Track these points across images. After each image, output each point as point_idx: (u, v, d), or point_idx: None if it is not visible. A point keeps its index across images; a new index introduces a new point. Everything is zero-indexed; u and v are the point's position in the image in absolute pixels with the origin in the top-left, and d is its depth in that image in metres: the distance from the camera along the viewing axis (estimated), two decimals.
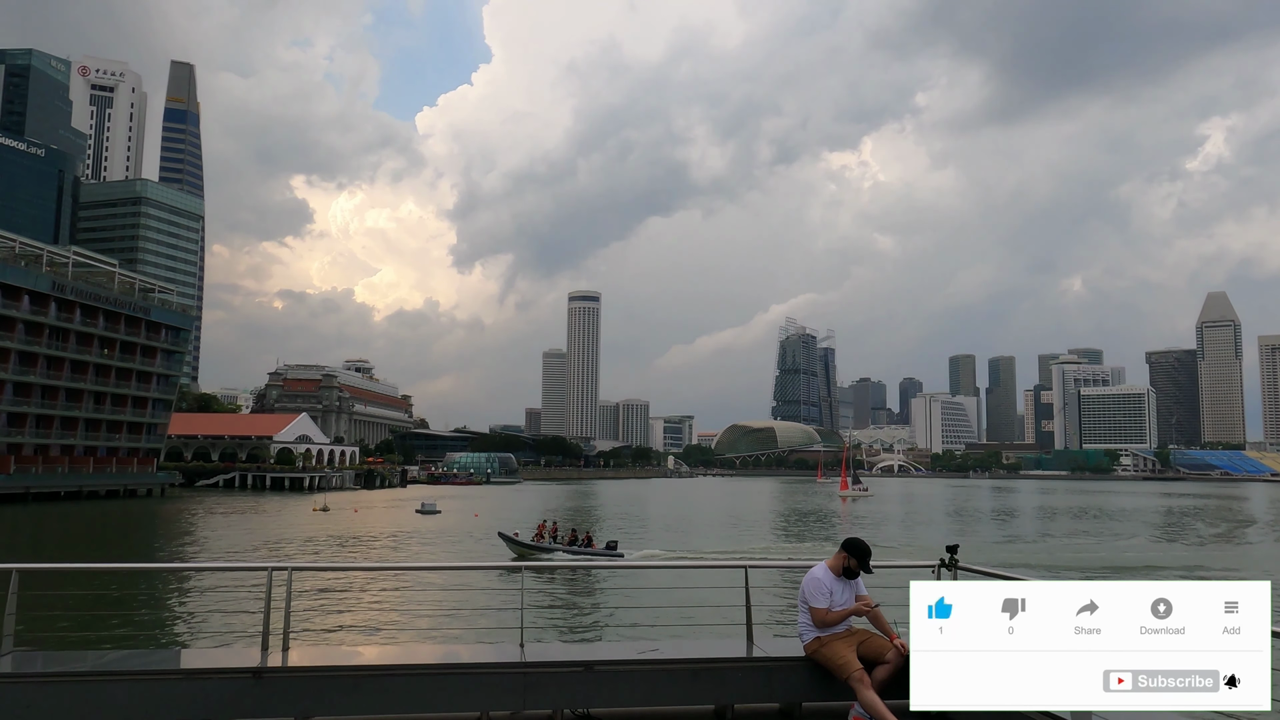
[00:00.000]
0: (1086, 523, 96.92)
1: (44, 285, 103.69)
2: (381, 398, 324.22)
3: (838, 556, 8.08)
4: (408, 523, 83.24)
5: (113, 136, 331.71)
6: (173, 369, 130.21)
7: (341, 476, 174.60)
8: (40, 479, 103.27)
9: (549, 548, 49.75)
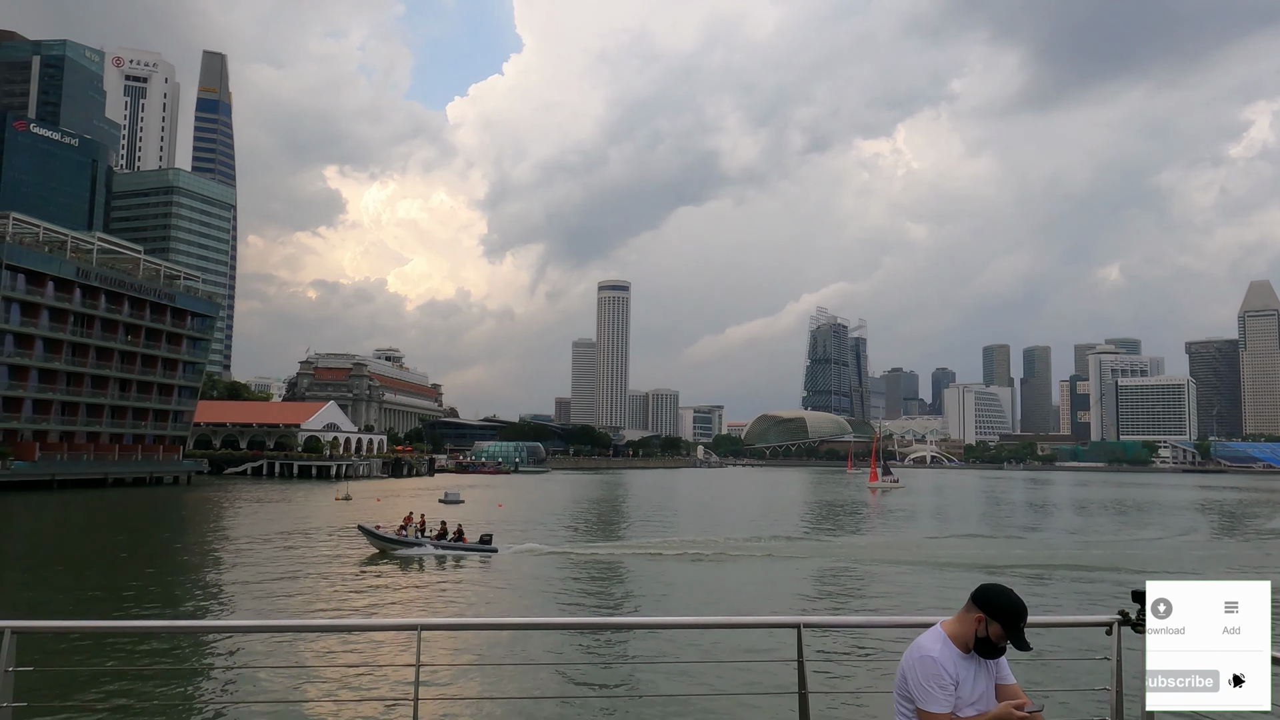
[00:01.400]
0: (1138, 517, 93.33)
1: (68, 271, 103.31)
2: (411, 387, 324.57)
3: (966, 619, 4.93)
4: (429, 512, 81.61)
5: (146, 126, 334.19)
6: (198, 356, 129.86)
7: (369, 465, 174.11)
8: (66, 466, 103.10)
9: (412, 542, 46.01)
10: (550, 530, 65.07)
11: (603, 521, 77.13)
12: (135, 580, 38.51)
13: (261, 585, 37.04)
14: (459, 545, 45.88)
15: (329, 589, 36.57)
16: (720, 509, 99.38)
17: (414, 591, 36.79)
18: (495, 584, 39.21)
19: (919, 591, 38.23)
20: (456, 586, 38.22)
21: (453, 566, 43.47)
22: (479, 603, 34.43)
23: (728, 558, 48.72)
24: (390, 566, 42.72)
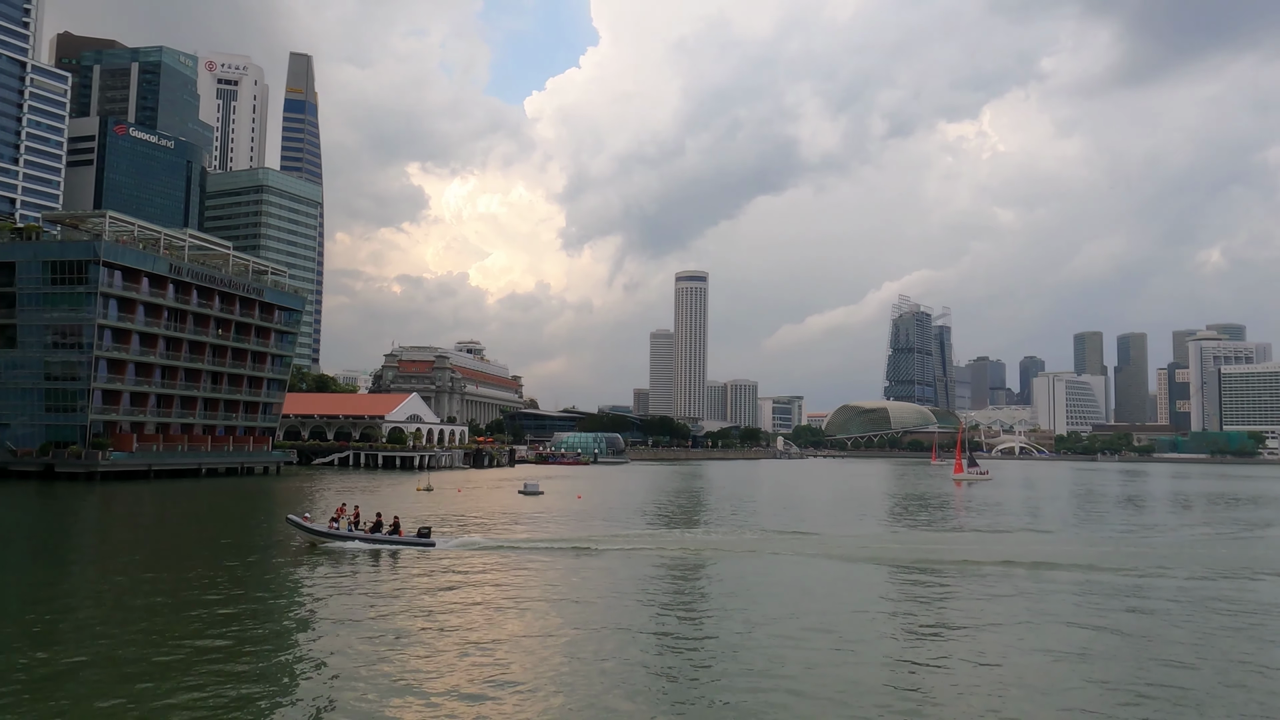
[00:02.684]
0: (1256, 513, 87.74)
1: (161, 268, 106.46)
2: (492, 378, 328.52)
3: None
4: (508, 504, 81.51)
5: (237, 128, 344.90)
6: (286, 349, 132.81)
7: (451, 456, 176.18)
8: (161, 457, 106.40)
9: (344, 535, 44.79)
10: (629, 521, 64.13)
11: (681, 512, 75.83)
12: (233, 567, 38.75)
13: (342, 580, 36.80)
14: (393, 539, 44.73)
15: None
16: (803, 501, 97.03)
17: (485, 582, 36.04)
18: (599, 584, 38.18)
19: (1016, 602, 35.91)
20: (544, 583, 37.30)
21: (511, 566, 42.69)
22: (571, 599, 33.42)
23: (811, 554, 46.83)
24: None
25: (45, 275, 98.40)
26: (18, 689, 20.22)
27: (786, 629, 28.15)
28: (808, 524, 66.68)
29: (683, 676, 22.81)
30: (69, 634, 26.19)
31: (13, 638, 25.34)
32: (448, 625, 27.95)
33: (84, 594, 33.25)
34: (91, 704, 19.48)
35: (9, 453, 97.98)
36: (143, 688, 20.66)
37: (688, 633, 27.89)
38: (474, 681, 21.80)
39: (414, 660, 23.72)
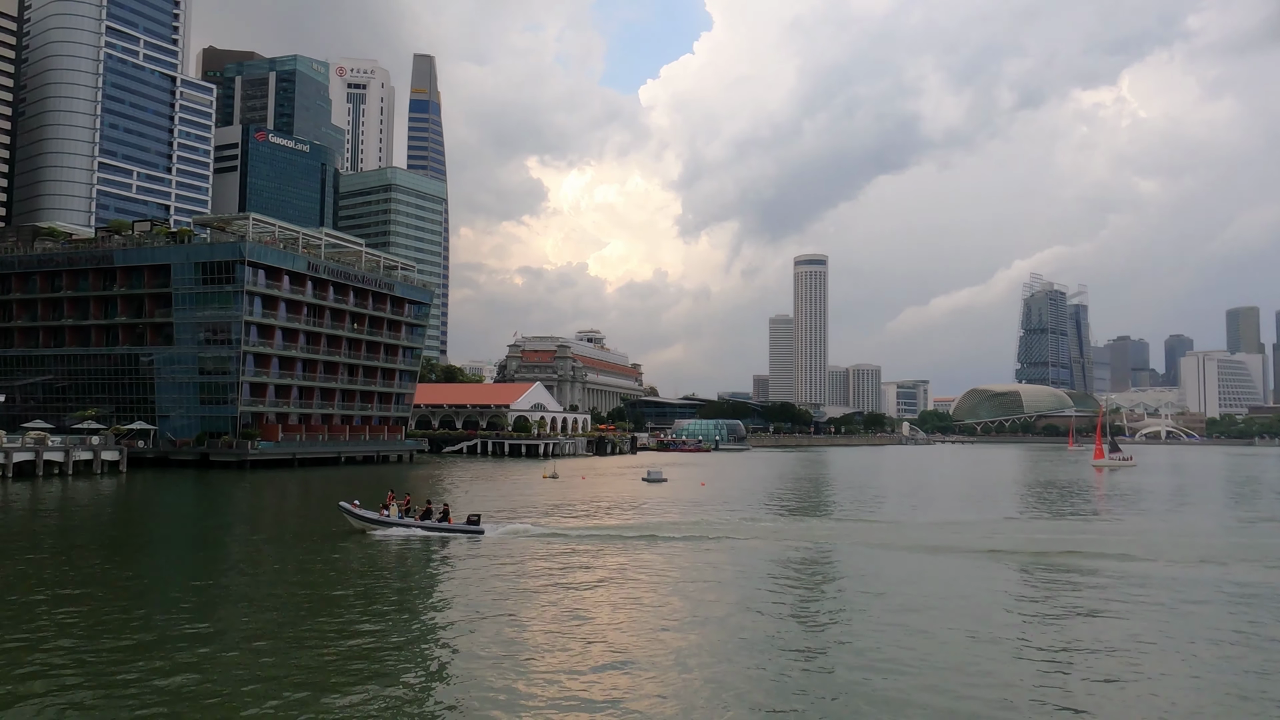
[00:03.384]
0: None
1: (300, 265, 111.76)
2: (612, 367, 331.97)
3: None
4: (633, 492, 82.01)
5: (366, 130, 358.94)
6: (416, 341, 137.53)
7: (574, 444, 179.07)
8: (304, 446, 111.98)
9: (392, 522, 45.02)
10: (755, 508, 63.51)
11: (806, 499, 74.62)
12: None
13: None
14: (443, 526, 44.68)
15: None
16: (930, 488, 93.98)
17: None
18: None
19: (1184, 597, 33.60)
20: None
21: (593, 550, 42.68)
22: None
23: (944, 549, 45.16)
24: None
25: (197, 276, 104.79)
26: (183, 646, 21.47)
27: (922, 623, 27.09)
28: (938, 512, 64.52)
29: (809, 674, 22.23)
30: (224, 601, 27.68)
31: (180, 603, 26.96)
32: (569, 612, 28.14)
33: (236, 569, 35.11)
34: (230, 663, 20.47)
35: (169, 443, 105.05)
36: (268, 660, 21.57)
37: (811, 627, 27.21)
38: (598, 671, 21.82)
39: (531, 647, 23.94)
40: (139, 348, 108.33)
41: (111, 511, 60.14)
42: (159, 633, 24.73)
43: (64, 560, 37.40)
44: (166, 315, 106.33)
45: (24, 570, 34.71)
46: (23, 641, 23.48)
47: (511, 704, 19.01)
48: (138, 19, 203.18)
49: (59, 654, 22.34)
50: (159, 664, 21.52)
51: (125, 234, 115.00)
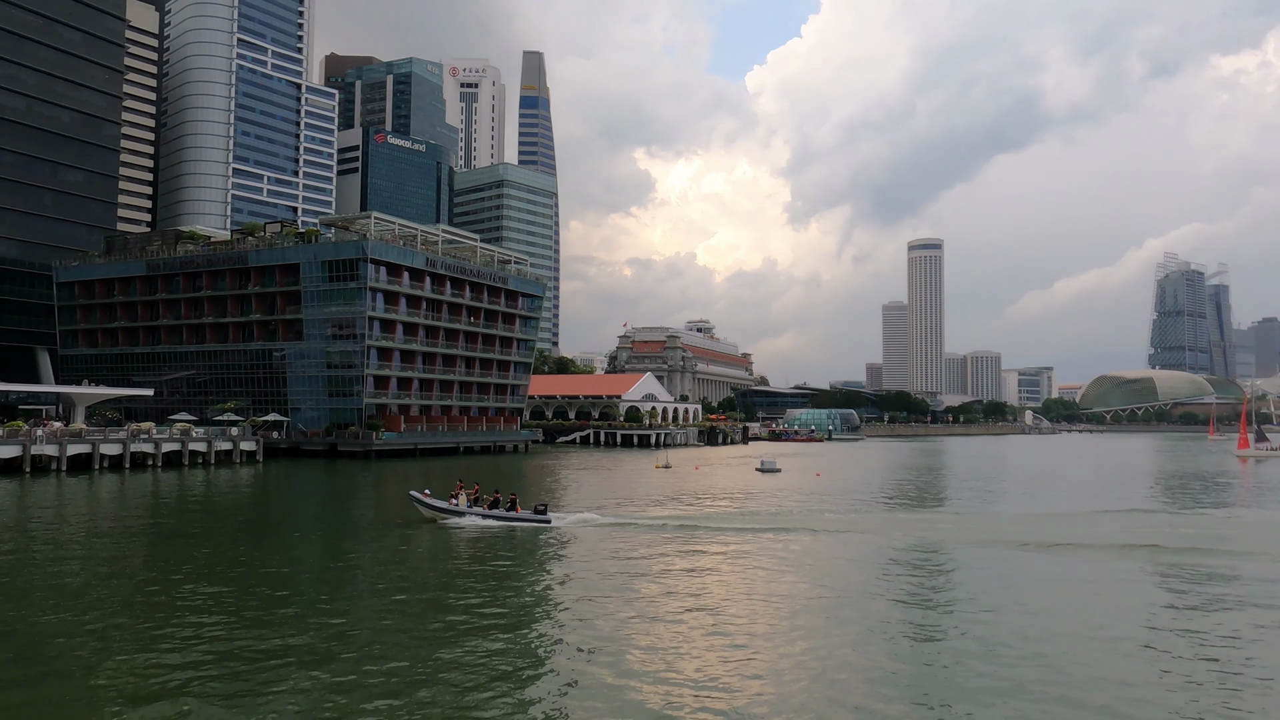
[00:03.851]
0: None
1: (419, 262, 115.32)
2: (722, 356, 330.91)
3: None
4: (747, 482, 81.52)
5: (478, 128, 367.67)
6: (529, 334, 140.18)
7: (685, 434, 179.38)
8: (425, 436, 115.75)
9: (461, 511, 45.15)
10: (867, 498, 62.22)
11: (929, 490, 72.63)
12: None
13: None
14: (511, 515, 45.01)
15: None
16: (1056, 478, 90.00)
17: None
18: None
19: None
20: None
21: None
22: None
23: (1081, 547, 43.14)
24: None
25: (324, 274, 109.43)
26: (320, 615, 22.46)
27: (1054, 626, 25.95)
28: (1068, 504, 61.77)
29: (925, 674, 21.56)
30: (352, 582, 28.86)
31: (314, 581, 28.27)
32: (676, 601, 28.11)
33: (362, 552, 36.55)
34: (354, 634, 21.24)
35: (301, 434, 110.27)
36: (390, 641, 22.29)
37: (930, 626, 26.36)
38: (714, 664, 21.71)
39: (644, 637, 23.99)
40: (272, 343, 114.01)
41: (250, 498, 63.50)
42: (297, 612, 25.94)
43: (211, 543, 39.68)
44: (296, 312, 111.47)
45: (178, 553, 36.99)
46: (172, 622, 24.99)
47: (626, 693, 19.14)
48: (266, 30, 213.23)
49: (208, 632, 23.68)
50: (299, 641, 22.56)
51: (258, 235, 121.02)
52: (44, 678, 19.85)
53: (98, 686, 19.30)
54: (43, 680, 19.68)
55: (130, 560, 35.75)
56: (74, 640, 22.82)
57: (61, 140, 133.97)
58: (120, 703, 18.20)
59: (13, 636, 23.20)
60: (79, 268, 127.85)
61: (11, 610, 25.99)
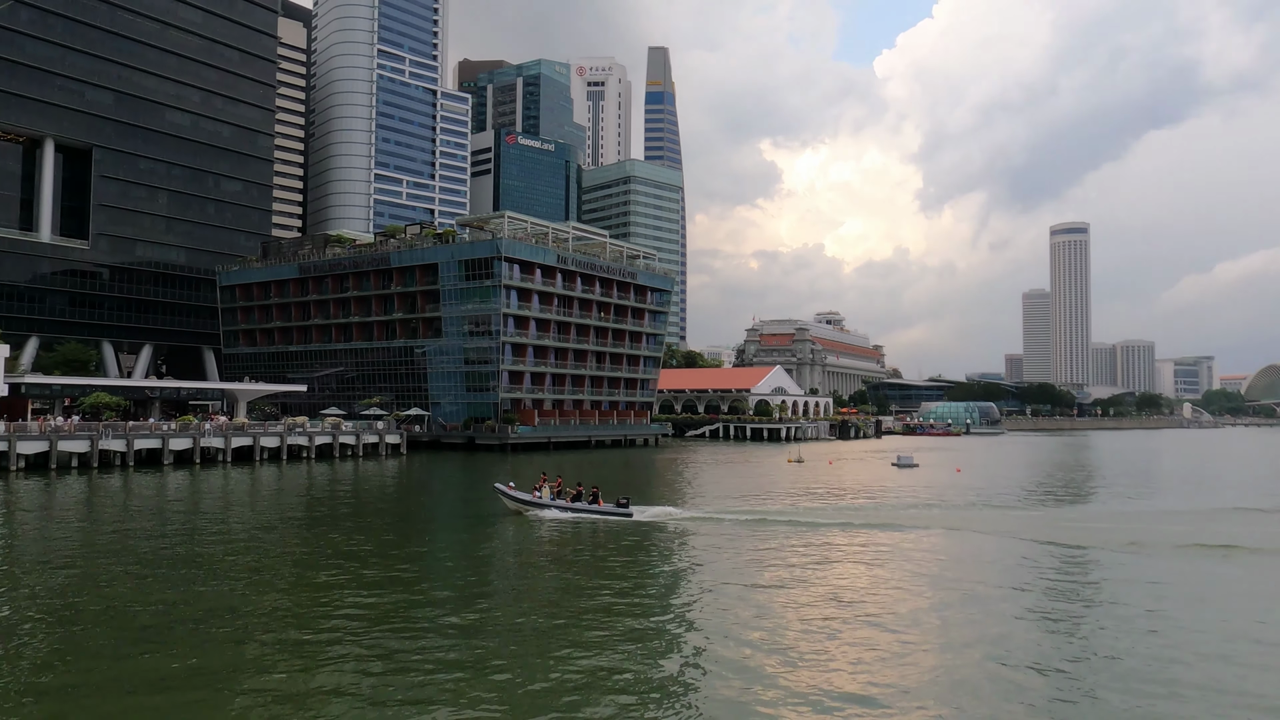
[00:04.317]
0: None
1: (550, 259, 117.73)
2: (852, 349, 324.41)
3: None
4: (883, 477, 79.62)
5: (605, 125, 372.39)
6: (658, 328, 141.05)
7: (816, 427, 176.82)
8: (558, 430, 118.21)
9: (544, 503, 45.64)
10: (1015, 495, 59.65)
11: (1083, 487, 69.05)
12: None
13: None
14: (593, 508, 45.15)
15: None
16: (1222, 477, 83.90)
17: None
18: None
19: None
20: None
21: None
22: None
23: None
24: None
25: (460, 272, 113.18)
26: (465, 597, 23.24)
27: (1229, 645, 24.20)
28: (1235, 501, 57.43)
29: (1065, 686, 20.43)
30: (491, 572, 29.74)
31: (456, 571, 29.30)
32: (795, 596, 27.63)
33: (499, 540, 37.63)
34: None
35: (441, 427, 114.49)
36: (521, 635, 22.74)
37: (1076, 637, 25.00)
38: (853, 667, 21.24)
39: (772, 634, 23.68)
40: (413, 341, 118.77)
41: (396, 489, 66.34)
42: (439, 599, 26.95)
43: (363, 530, 41.67)
44: (435, 310, 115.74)
45: (334, 539, 39.04)
46: (319, 610, 26.36)
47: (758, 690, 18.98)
48: (403, 39, 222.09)
49: (356, 620, 24.88)
50: (445, 624, 23.42)
51: (399, 237, 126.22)
52: (217, 645, 21.31)
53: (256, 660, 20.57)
54: (215, 648, 21.13)
55: (292, 547, 37.91)
56: (249, 615, 24.39)
57: (222, 153, 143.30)
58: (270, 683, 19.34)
59: (188, 607, 24.98)
60: (239, 272, 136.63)
61: (190, 584, 28.02)
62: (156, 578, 30.08)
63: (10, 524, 43.52)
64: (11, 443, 68.91)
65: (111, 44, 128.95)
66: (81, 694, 18.49)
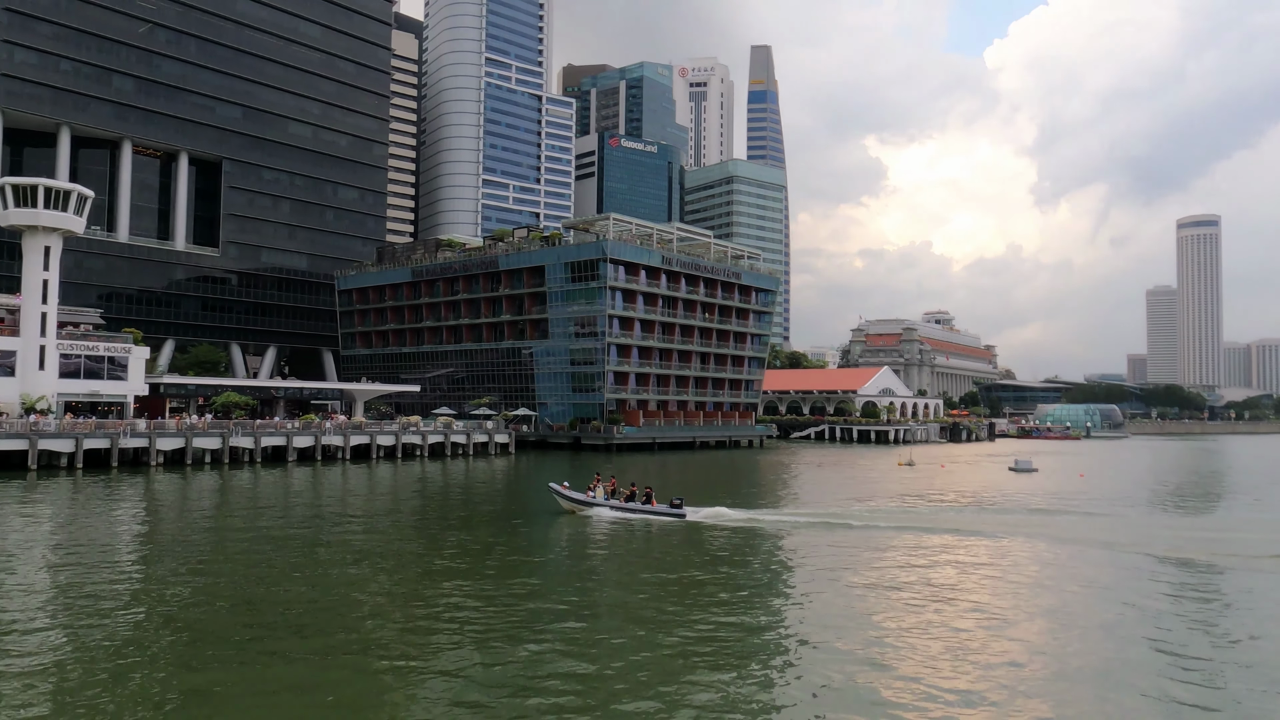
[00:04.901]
0: None
1: (655, 260, 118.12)
2: (963, 349, 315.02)
3: None
4: (1000, 481, 76.92)
5: (707, 126, 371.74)
6: (763, 329, 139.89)
7: (926, 430, 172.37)
8: (662, 431, 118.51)
9: (598, 503, 45.89)
10: (1148, 505, 56.65)
11: (1214, 496, 65.14)
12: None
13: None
14: (647, 509, 45.14)
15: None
16: None
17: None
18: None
19: None
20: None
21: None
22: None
23: None
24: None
25: (566, 275, 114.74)
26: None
27: None
28: None
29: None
30: (591, 572, 29.94)
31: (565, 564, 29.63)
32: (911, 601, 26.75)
33: (600, 542, 37.87)
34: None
35: (547, 427, 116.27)
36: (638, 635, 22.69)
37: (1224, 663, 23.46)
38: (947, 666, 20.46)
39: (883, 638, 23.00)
40: (520, 342, 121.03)
41: (505, 487, 67.64)
42: (545, 597, 27.27)
43: (474, 526, 42.63)
44: (542, 312, 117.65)
45: (448, 536, 40.07)
46: (429, 607, 26.99)
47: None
48: (510, 47, 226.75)
49: (465, 618, 25.39)
50: (548, 623, 23.69)
51: (507, 240, 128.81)
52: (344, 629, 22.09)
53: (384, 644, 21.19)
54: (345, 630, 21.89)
55: (411, 541, 39.06)
56: (370, 610, 25.23)
57: (339, 162, 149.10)
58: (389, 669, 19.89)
59: (311, 596, 25.98)
60: (355, 276, 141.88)
61: (313, 573, 29.17)
62: (285, 568, 31.43)
63: (154, 516, 46.19)
64: (152, 440, 73.21)
65: (239, 61, 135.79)
66: (218, 685, 19.40)
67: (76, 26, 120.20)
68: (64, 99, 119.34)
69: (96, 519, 43.73)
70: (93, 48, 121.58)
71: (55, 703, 17.33)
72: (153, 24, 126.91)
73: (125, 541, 37.62)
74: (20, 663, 19.68)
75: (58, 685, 18.35)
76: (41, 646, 21.04)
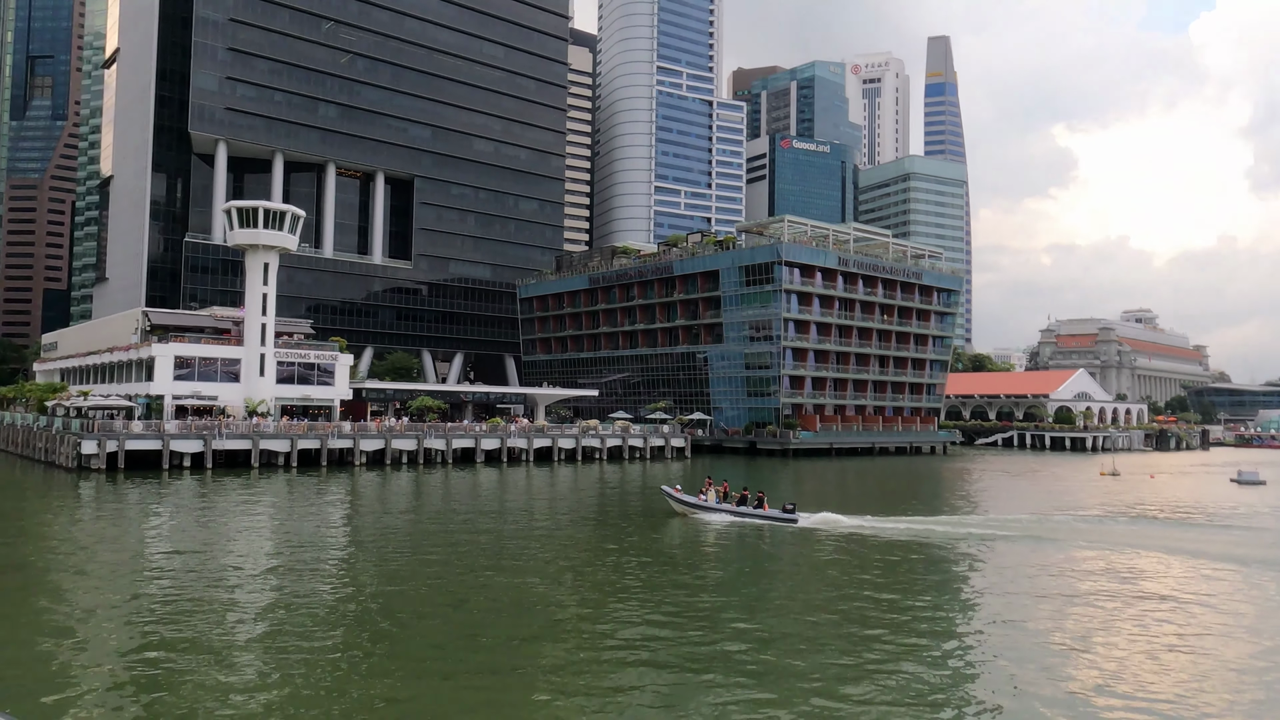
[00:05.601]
0: None
1: (830, 261, 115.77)
2: (1167, 349, 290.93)
3: None
4: (1223, 496, 70.34)
5: (881, 123, 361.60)
6: (945, 330, 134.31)
7: (1128, 437, 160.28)
8: (840, 435, 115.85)
9: (710, 507, 46.05)
10: None
11: None
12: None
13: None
14: (758, 513, 45.11)
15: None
16: None
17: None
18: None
19: None
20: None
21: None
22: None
23: None
24: None
25: (740, 278, 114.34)
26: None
27: None
28: None
29: None
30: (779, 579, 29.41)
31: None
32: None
33: (787, 550, 37.23)
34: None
35: (722, 431, 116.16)
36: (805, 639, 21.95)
37: None
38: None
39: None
40: (695, 346, 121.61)
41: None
42: (726, 603, 27.03)
43: (654, 529, 43.06)
44: (716, 316, 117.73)
45: (628, 538, 40.63)
46: (603, 610, 27.26)
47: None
48: (680, 54, 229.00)
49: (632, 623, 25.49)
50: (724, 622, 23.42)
51: (680, 246, 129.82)
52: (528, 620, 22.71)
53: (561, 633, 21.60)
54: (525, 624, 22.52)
55: (594, 540, 39.88)
56: (553, 607, 25.88)
57: (519, 175, 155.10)
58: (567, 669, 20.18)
59: (510, 588, 26.90)
60: (535, 284, 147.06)
61: (505, 569, 30.26)
62: (477, 563, 32.78)
63: (356, 512, 49.40)
64: (356, 441, 78.47)
65: (428, 83, 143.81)
66: (407, 672, 20.35)
67: (287, 60, 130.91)
68: (277, 128, 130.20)
69: (320, 513, 47.20)
70: (301, 79, 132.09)
71: (278, 691, 18.69)
72: (353, 54, 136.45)
73: (383, 535, 40.37)
74: (237, 644, 21.39)
75: (276, 678, 19.81)
76: (257, 638, 22.81)
